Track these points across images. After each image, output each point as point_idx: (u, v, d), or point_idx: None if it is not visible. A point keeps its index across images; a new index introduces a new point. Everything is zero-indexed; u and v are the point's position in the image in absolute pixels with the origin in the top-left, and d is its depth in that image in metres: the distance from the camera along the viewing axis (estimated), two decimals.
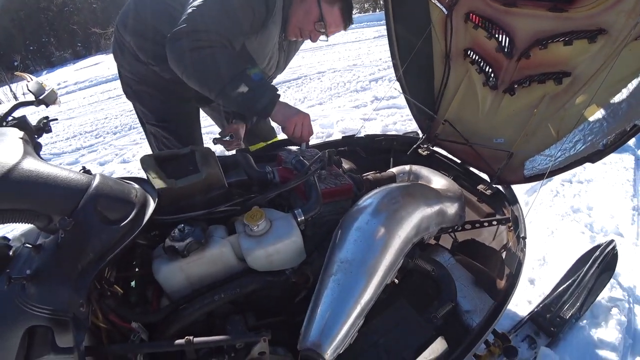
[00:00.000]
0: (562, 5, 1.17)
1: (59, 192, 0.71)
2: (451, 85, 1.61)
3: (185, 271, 0.83)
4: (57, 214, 0.70)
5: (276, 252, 0.87)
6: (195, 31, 1.17)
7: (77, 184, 0.74)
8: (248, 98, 1.20)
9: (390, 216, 0.93)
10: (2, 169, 0.67)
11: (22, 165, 0.70)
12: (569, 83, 1.24)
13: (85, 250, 0.71)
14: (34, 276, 0.67)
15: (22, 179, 0.68)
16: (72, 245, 0.70)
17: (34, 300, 0.65)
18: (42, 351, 0.64)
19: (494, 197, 1.41)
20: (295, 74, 5.99)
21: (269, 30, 1.37)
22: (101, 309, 0.74)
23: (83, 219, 0.71)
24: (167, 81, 1.55)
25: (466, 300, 1.06)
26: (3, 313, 0.65)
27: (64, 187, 0.72)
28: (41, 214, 0.70)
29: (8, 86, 13.55)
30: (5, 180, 0.66)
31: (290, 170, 1.15)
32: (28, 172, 0.69)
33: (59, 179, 0.73)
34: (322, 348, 0.72)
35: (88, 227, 0.72)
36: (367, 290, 0.82)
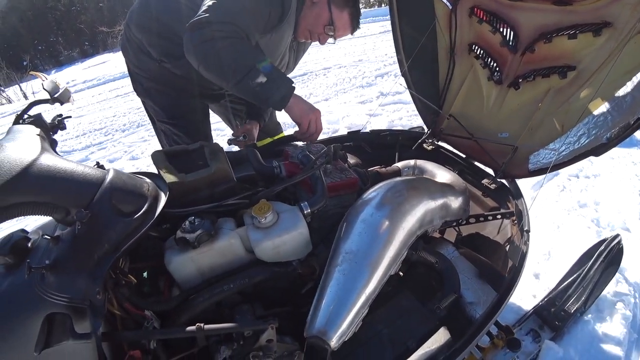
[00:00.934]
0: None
1: (75, 186, 0.74)
2: (456, 80, 1.61)
3: (196, 262, 0.86)
4: (74, 206, 0.74)
5: (283, 244, 0.89)
6: (215, 22, 1.17)
7: (93, 178, 0.78)
8: (266, 89, 1.21)
9: (395, 209, 0.95)
10: (22, 164, 0.70)
11: (40, 161, 0.73)
12: (573, 77, 1.24)
13: (101, 241, 0.74)
14: (53, 266, 0.71)
15: (41, 173, 0.71)
16: (88, 236, 0.73)
17: (53, 289, 0.68)
18: (61, 337, 0.67)
19: (499, 191, 1.42)
20: (301, 70, 6.00)
21: (282, 30, 1.39)
22: (116, 297, 0.77)
23: (98, 212, 0.74)
24: (178, 78, 1.57)
25: (470, 292, 1.08)
26: (24, 301, 0.68)
27: (80, 181, 0.75)
28: (59, 206, 0.73)
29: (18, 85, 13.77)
30: (25, 175, 0.69)
31: (296, 165, 1.17)
32: (46, 167, 0.73)
33: (75, 174, 0.76)
34: (328, 335, 0.74)
35: (103, 219, 0.75)
36: (371, 280, 0.84)
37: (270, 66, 1.22)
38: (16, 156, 0.72)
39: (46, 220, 0.90)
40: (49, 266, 0.70)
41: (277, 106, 1.27)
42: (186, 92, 1.66)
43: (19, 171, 0.68)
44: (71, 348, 0.67)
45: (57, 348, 0.66)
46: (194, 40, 1.19)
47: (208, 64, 1.21)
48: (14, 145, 0.76)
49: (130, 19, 1.56)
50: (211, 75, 1.25)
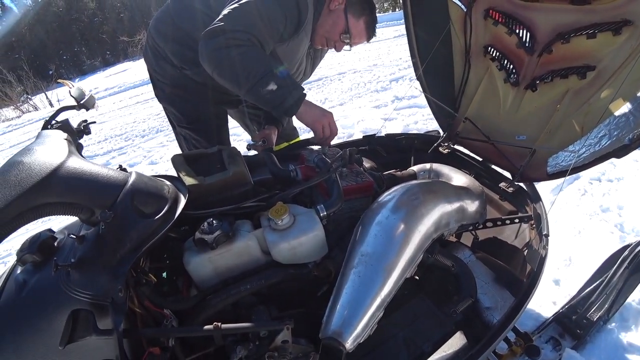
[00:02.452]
0: None
1: (100, 188, 0.78)
2: (472, 82, 1.60)
3: (214, 262, 0.88)
4: (99, 207, 0.77)
5: (299, 245, 0.91)
6: (230, 30, 1.21)
7: (116, 181, 0.81)
8: (277, 96, 1.24)
9: (410, 212, 0.95)
10: (51, 167, 0.74)
11: (67, 164, 0.77)
12: (593, 77, 1.22)
13: (123, 241, 0.77)
14: (78, 264, 0.74)
15: (68, 175, 0.75)
16: (111, 236, 0.76)
17: (77, 286, 0.71)
18: (85, 332, 0.70)
19: (516, 194, 1.40)
20: (316, 75, 6.04)
21: (299, 39, 1.42)
22: (137, 295, 0.79)
23: (121, 212, 0.77)
24: (198, 84, 1.62)
25: (487, 297, 1.06)
26: (51, 297, 0.71)
27: (104, 183, 0.79)
28: (84, 207, 0.76)
29: (44, 93, 14.32)
30: (54, 177, 0.73)
31: (312, 169, 1.18)
32: (73, 170, 0.76)
33: (100, 176, 0.79)
34: (343, 337, 0.75)
35: (126, 220, 0.78)
36: (387, 283, 0.84)
37: (282, 73, 1.25)
38: (45, 159, 0.75)
39: (72, 221, 0.94)
40: (74, 264, 0.73)
41: (288, 113, 1.30)
42: (206, 98, 1.70)
43: (48, 173, 0.72)
44: (94, 343, 0.69)
45: (80, 343, 0.69)
46: (209, 48, 1.22)
47: (222, 71, 1.24)
48: (43, 148, 0.79)
49: (153, 27, 1.61)
50: (225, 82, 1.28)
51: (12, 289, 0.76)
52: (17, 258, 0.80)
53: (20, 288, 0.75)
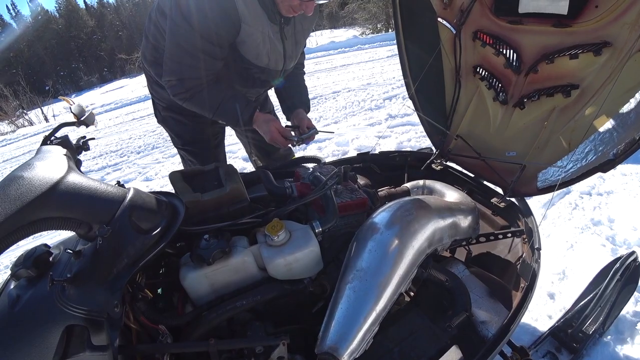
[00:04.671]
0: (566, 21, 1.21)
1: (98, 203, 0.79)
2: (462, 101, 1.65)
3: (210, 278, 0.88)
4: (97, 222, 0.78)
5: (295, 261, 0.92)
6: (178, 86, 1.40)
7: (114, 196, 0.82)
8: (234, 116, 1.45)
9: (404, 228, 0.97)
10: (51, 182, 0.75)
11: (67, 179, 0.78)
12: (577, 95, 1.27)
13: (121, 256, 0.77)
14: (74, 279, 0.74)
15: (68, 191, 0.76)
16: (108, 251, 0.76)
17: (72, 301, 0.71)
18: (79, 349, 0.69)
19: (508, 209, 1.42)
20: (311, 94, 6.10)
21: (246, 33, 1.38)
22: (133, 310, 0.79)
23: (119, 228, 0.78)
24: None
25: (481, 311, 1.07)
26: (45, 312, 0.71)
27: (103, 199, 0.80)
28: (83, 222, 0.77)
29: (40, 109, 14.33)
30: (53, 192, 0.74)
31: (307, 186, 1.20)
32: (72, 185, 0.77)
33: (98, 192, 0.80)
34: (339, 352, 0.75)
35: (123, 236, 0.79)
36: (381, 298, 0.85)
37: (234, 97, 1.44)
38: (45, 174, 0.76)
39: (66, 236, 0.94)
40: (70, 279, 0.73)
41: (247, 124, 1.49)
42: (199, 119, 1.73)
43: (48, 188, 0.73)
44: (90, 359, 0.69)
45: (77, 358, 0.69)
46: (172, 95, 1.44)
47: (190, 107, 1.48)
48: (43, 164, 0.81)
49: (141, 51, 1.64)
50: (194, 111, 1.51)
51: (6, 304, 0.75)
52: (11, 273, 0.81)
53: (13, 303, 0.75)
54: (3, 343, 0.70)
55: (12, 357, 0.68)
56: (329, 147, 3.95)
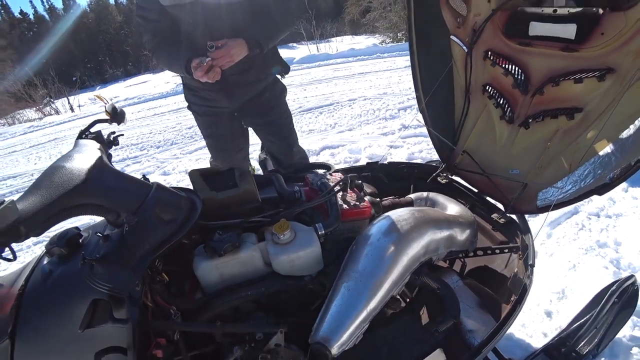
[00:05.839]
0: (574, 46, 1.26)
1: (127, 194, 0.89)
2: (470, 117, 1.71)
3: (220, 269, 0.97)
4: (125, 211, 0.88)
5: (298, 259, 1.00)
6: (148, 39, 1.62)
7: (141, 189, 0.92)
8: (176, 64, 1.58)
9: (400, 236, 1.04)
10: (87, 172, 0.85)
11: (101, 171, 0.89)
12: (580, 118, 1.31)
13: (143, 242, 0.87)
14: (102, 259, 0.84)
15: (102, 181, 0.86)
16: (133, 237, 0.86)
17: (99, 279, 0.81)
18: (102, 320, 0.79)
19: (507, 225, 1.47)
20: (328, 101, 6.25)
21: None
22: (150, 291, 0.89)
23: (144, 217, 0.88)
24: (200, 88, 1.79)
25: (470, 320, 1.13)
26: (74, 286, 0.81)
27: (131, 191, 0.90)
28: (113, 210, 0.87)
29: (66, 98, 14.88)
30: (90, 181, 0.84)
31: (315, 191, 1.29)
32: (106, 177, 0.88)
33: (128, 184, 0.90)
34: (330, 343, 0.83)
35: (147, 224, 0.88)
36: (373, 298, 0.93)
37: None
38: (82, 165, 0.87)
39: (97, 222, 1.05)
40: (99, 259, 0.83)
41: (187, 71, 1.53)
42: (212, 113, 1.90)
43: (85, 178, 0.83)
44: (109, 330, 0.78)
45: (97, 329, 0.78)
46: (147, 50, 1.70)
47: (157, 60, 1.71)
48: (80, 156, 0.91)
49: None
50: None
51: (39, 277, 0.86)
52: (45, 250, 0.91)
53: (46, 277, 0.85)
54: (37, 310, 0.81)
55: (46, 322, 0.79)
56: (342, 153, 4.03)
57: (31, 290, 0.85)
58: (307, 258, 1.01)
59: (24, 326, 0.80)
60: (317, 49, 16.97)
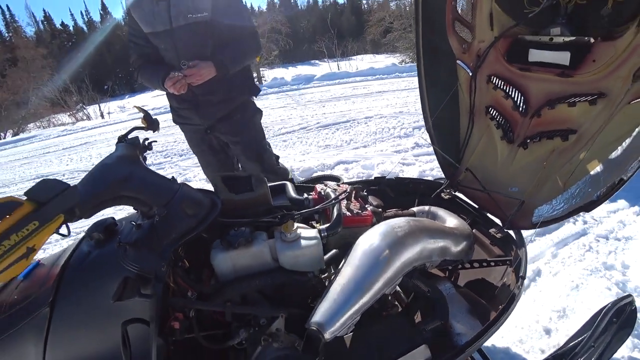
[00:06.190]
0: (569, 72, 1.34)
1: (160, 191, 1.04)
2: (474, 137, 1.81)
3: (233, 260, 1.10)
4: (156, 205, 1.03)
5: (302, 255, 1.12)
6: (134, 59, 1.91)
7: (171, 187, 1.07)
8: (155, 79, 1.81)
9: (395, 240, 1.14)
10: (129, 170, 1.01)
11: (139, 170, 1.05)
12: (574, 140, 1.39)
13: (170, 232, 1.01)
14: (134, 244, 0.99)
15: (139, 178, 1.02)
16: (162, 227, 1.01)
17: (130, 260, 0.95)
18: (131, 294, 0.91)
19: (504, 240, 1.55)
20: (345, 118, 6.44)
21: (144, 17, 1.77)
22: (173, 273, 1.03)
23: (172, 211, 1.03)
24: None
25: (459, 324, 1.21)
26: (109, 265, 0.96)
27: (162, 188, 1.05)
28: (146, 203, 1.02)
29: (98, 105, 15.68)
30: (129, 178, 1.00)
31: (323, 199, 1.42)
32: (143, 175, 1.04)
33: (160, 182, 1.06)
34: (324, 328, 0.94)
35: (174, 217, 1.03)
36: (365, 294, 1.03)
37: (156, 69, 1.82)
38: (124, 165, 1.03)
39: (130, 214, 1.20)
40: (131, 244, 0.98)
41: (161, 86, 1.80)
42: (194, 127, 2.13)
43: (126, 175, 0.99)
44: (136, 303, 0.91)
45: (126, 302, 0.91)
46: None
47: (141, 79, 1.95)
48: (123, 157, 1.08)
49: None
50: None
51: (78, 257, 1.02)
52: (86, 234, 1.07)
53: (84, 257, 1.01)
54: (75, 284, 0.95)
55: (82, 294, 0.94)
56: (355, 169, 4.16)
57: (71, 268, 1.00)
58: (310, 255, 1.13)
59: (63, 297, 0.94)
60: (337, 67, 17.34)
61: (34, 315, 0.93)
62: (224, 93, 1.99)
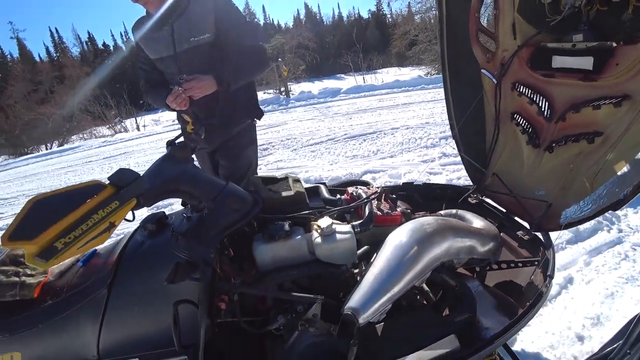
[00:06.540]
0: (592, 76, 1.38)
1: (209, 187, 1.17)
2: (500, 143, 1.85)
3: (273, 251, 1.21)
4: (205, 199, 1.15)
5: (336, 248, 1.21)
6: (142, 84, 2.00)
7: (218, 185, 1.20)
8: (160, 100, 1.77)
9: (423, 236, 1.21)
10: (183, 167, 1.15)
11: (191, 168, 1.18)
12: (600, 142, 1.41)
13: (217, 224, 1.14)
14: (185, 234, 1.11)
15: (191, 175, 1.15)
16: (210, 219, 1.13)
17: (182, 248, 1.08)
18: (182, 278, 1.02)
19: (532, 242, 1.57)
20: (372, 129, 6.54)
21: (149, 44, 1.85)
22: (220, 260, 1.14)
23: (219, 205, 1.15)
24: None
25: (487, 319, 1.25)
26: (164, 253, 1.09)
27: (211, 185, 1.18)
28: (197, 197, 1.15)
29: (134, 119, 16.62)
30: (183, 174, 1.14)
31: (354, 200, 1.51)
32: (195, 172, 1.17)
33: (209, 180, 1.19)
34: (358, 313, 1.01)
35: (220, 211, 1.15)
36: (396, 285, 1.10)
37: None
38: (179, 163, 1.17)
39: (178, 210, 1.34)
40: (182, 234, 1.11)
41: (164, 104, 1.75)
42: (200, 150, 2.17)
43: (182, 171, 1.13)
44: (186, 286, 1.03)
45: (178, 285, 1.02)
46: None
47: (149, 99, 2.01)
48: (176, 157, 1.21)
49: None
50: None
51: (134, 246, 1.15)
52: (140, 225, 1.21)
53: (139, 246, 1.15)
54: (131, 269, 1.08)
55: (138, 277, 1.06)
56: (382, 178, 4.22)
57: (128, 255, 1.13)
58: (344, 248, 1.22)
59: (120, 280, 1.07)
60: (363, 80, 17.54)
61: (92, 296, 1.05)
62: (226, 116, 1.96)
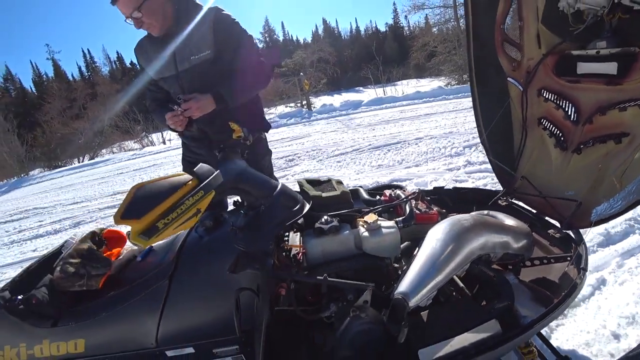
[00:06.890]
0: (617, 80, 1.46)
1: (264, 186, 1.32)
2: (528, 147, 1.93)
3: (323, 245, 1.34)
4: (261, 197, 1.30)
5: (382, 241, 1.33)
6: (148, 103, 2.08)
7: (272, 184, 1.35)
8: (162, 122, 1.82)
9: (461, 230, 1.31)
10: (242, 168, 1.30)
11: (247, 169, 1.34)
12: (627, 142, 1.48)
13: (272, 219, 1.27)
14: (243, 228, 1.25)
15: (250, 174, 1.31)
16: (267, 215, 1.28)
17: (241, 241, 1.21)
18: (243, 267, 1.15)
19: (563, 240, 1.64)
20: (395, 139, 6.65)
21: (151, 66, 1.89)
22: (277, 251, 1.28)
23: (273, 203, 1.29)
24: None
25: (525, 309, 1.32)
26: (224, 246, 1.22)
27: (266, 184, 1.33)
28: (254, 195, 1.30)
29: (160, 133, 17.37)
30: (244, 173, 1.29)
31: (393, 200, 1.63)
32: (251, 172, 1.33)
33: (264, 180, 1.34)
34: (408, 297, 1.12)
35: (276, 207, 1.29)
36: (440, 274, 1.20)
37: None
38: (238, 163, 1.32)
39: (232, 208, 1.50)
40: (241, 228, 1.25)
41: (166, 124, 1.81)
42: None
43: (241, 171, 1.28)
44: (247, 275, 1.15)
45: (238, 274, 1.15)
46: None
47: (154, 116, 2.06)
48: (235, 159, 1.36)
49: None
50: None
51: (193, 240, 1.29)
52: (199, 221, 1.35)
53: (198, 240, 1.28)
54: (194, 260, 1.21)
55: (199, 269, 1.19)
56: (409, 186, 4.29)
57: (187, 248, 1.26)
58: (389, 241, 1.34)
59: (181, 272, 1.18)
60: (383, 92, 17.72)
61: (154, 287, 1.15)
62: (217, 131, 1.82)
